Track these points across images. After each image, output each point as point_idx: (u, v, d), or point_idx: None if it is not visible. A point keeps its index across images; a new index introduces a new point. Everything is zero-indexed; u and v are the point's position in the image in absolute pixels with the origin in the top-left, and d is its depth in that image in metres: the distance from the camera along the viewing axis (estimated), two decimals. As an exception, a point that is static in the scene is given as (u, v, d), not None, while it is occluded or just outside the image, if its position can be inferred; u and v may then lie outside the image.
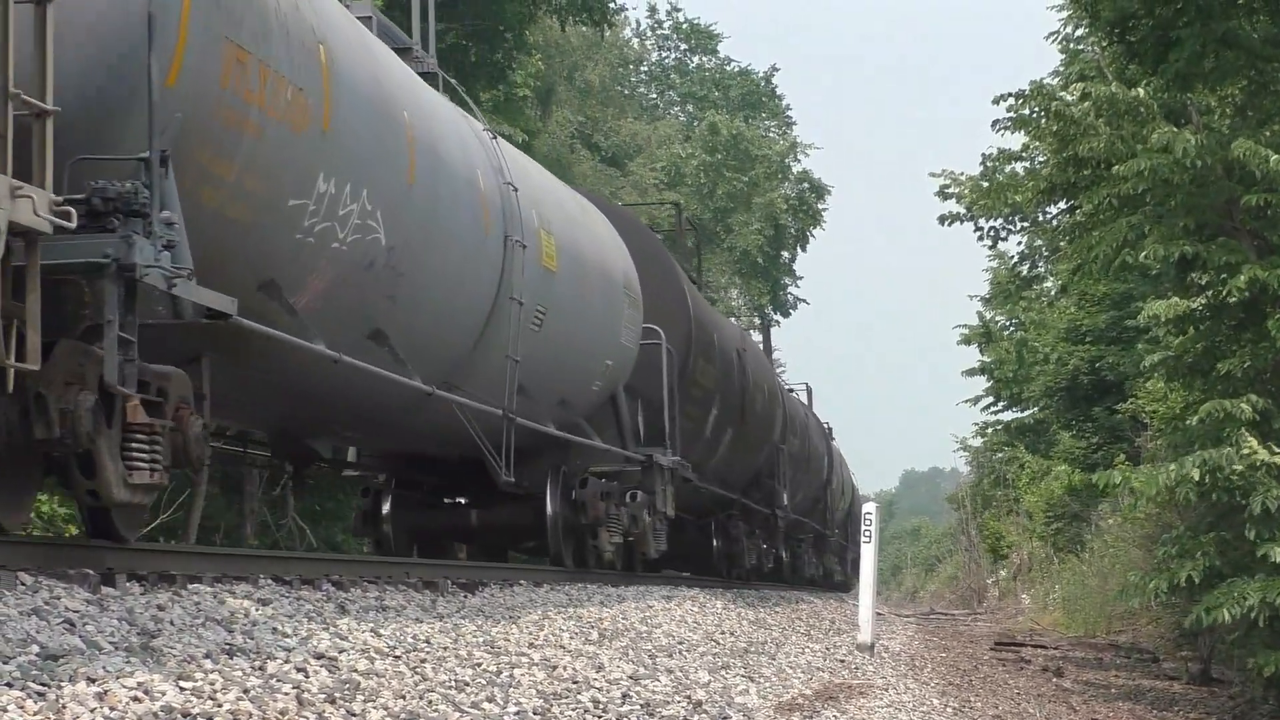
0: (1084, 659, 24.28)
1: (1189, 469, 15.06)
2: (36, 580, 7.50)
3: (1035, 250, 45.48)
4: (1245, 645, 16.99)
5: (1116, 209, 16.94)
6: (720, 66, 73.40)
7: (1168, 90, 17.50)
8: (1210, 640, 21.01)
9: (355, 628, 9.06)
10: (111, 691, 5.93)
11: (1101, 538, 34.80)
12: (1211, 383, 16.88)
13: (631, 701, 9.41)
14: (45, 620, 6.77)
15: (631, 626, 13.99)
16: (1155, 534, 24.36)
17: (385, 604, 10.42)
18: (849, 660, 17.33)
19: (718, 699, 10.77)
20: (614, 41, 63.05)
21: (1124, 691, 19.33)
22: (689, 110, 71.80)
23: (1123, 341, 38.16)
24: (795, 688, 13.25)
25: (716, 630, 16.49)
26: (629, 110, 63.89)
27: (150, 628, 7.29)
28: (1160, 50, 17.08)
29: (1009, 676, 19.53)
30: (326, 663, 7.71)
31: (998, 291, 54.50)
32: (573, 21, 36.60)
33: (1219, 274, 15.81)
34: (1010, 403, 53.43)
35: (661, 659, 12.28)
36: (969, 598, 60.47)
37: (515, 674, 9.15)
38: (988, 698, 16.14)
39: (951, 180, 38.65)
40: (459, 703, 7.80)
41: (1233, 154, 14.93)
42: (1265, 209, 15.49)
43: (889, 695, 14.16)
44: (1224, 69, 16.84)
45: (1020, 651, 25.03)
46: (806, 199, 68.23)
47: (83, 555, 8.42)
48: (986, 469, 61.48)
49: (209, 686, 6.45)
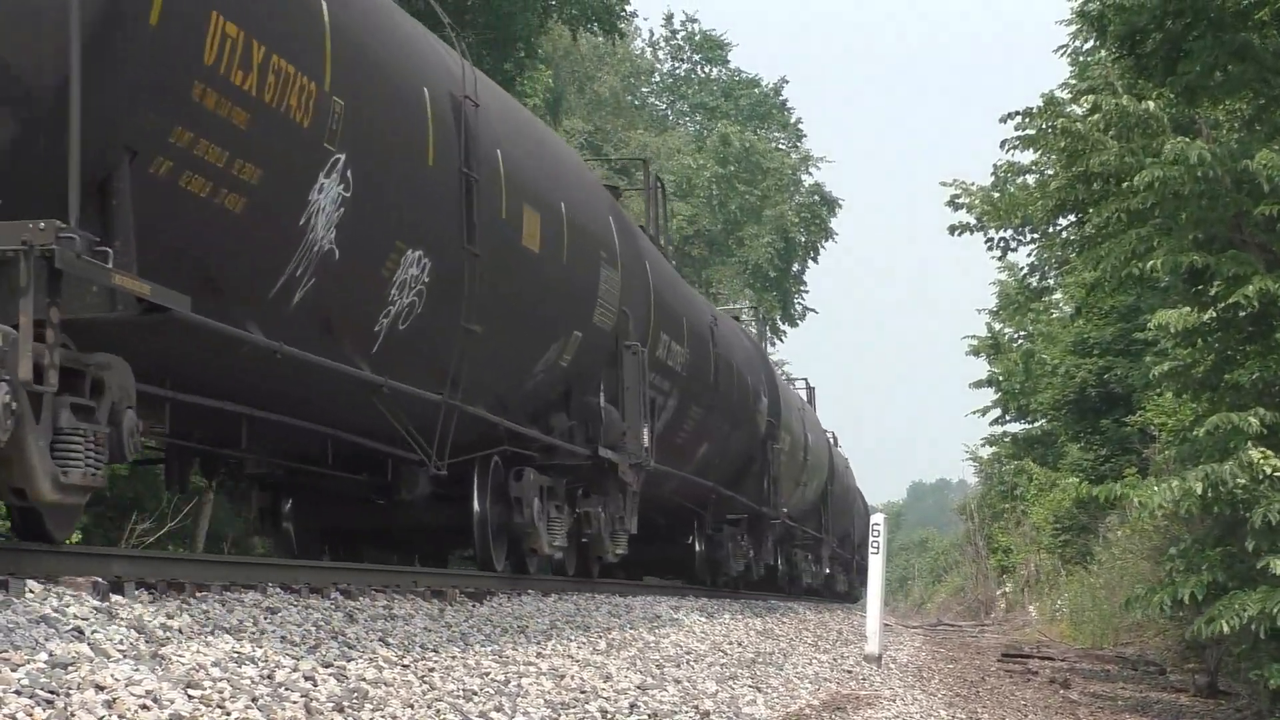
0: (1091, 671, 24.25)
1: (1192, 483, 15.05)
2: (46, 588, 7.52)
3: (1045, 262, 45.50)
4: (1252, 658, 16.96)
5: (1126, 223, 16.94)
6: (731, 77, 73.45)
7: (1175, 104, 17.50)
8: (1217, 653, 20.99)
9: (363, 636, 9.07)
10: (120, 699, 5.94)
11: (1109, 550, 34.77)
12: (1220, 395, 16.87)
13: (639, 711, 9.42)
14: (54, 628, 6.79)
15: (639, 636, 14.01)
16: (1163, 546, 24.34)
17: (393, 613, 10.44)
18: (856, 671, 17.33)
19: (725, 709, 10.78)
20: (625, 53, 63.13)
21: (1131, 703, 19.31)
22: (698, 121, 71.85)
23: (1130, 354, 38.15)
24: (803, 698, 13.25)
25: (724, 640, 16.50)
26: (638, 122, 63.93)
27: (159, 635, 7.30)
28: (1169, 64, 17.08)
29: (1016, 688, 19.51)
30: (335, 671, 7.73)
31: (1006, 303, 54.52)
32: (584, 31, 36.61)
33: (1228, 285, 15.81)
34: (1018, 415, 53.44)
35: (669, 669, 12.29)
36: (976, 609, 60.43)
37: (523, 683, 9.16)
38: (995, 709, 16.13)
39: (962, 190, 38.73)
40: (467, 712, 7.81)
41: (1255, 165, 14.91)
42: (1275, 221, 15.48)
43: (896, 706, 14.16)
44: (1233, 82, 16.84)
45: (1027, 663, 24.99)
46: (818, 212, 68.36)
47: (92, 563, 8.43)
48: (994, 480, 61.50)
49: (217, 694, 6.46)
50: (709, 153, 64.08)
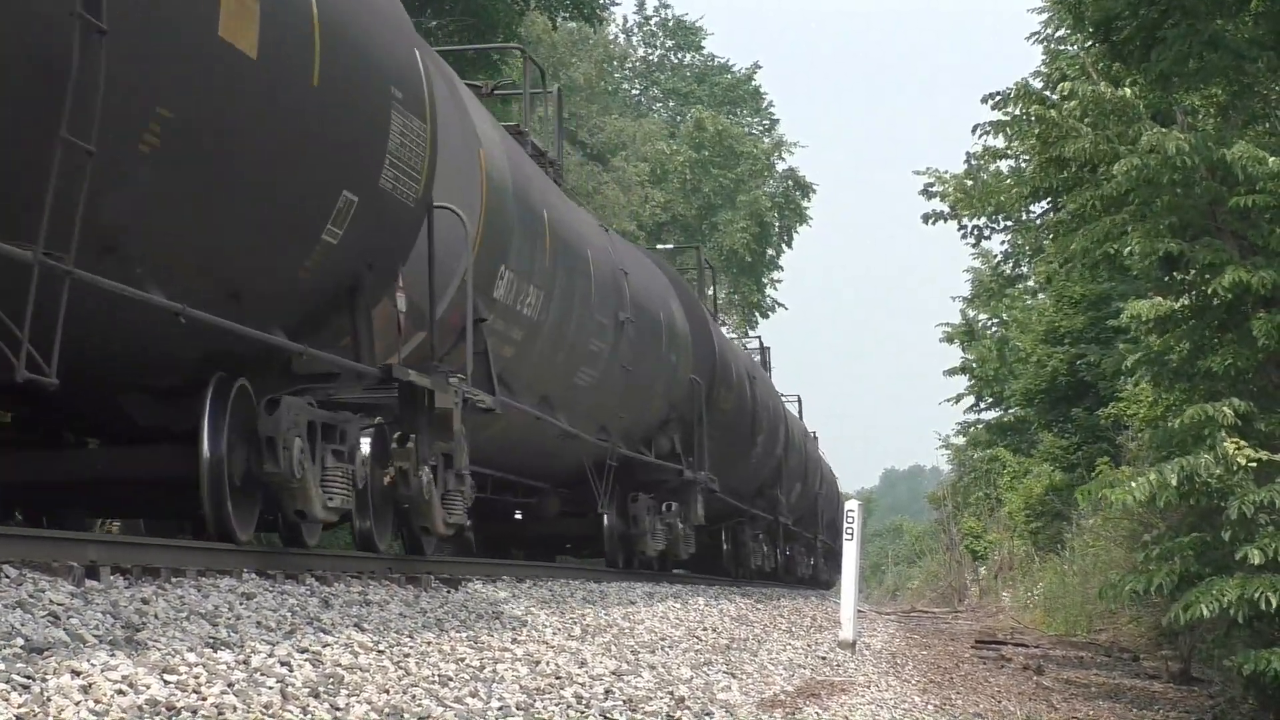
0: (1064, 658, 24.31)
1: (1168, 476, 15.12)
2: (21, 573, 7.50)
3: (1019, 250, 45.59)
4: (1225, 645, 17.05)
5: (1101, 210, 16.97)
6: (705, 63, 73.44)
7: (1151, 91, 17.55)
8: (1190, 640, 21.06)
9: (339, 622, 9.07)
10: (96, 685, 5.93)
11: (1082, 537, 34.86)
12: (1194, 384, 16.93)
13: (614, 697, 9.42)
14: (30, 613, 6.77)
15: (614, 623, 14.02)
16: (1137, 533, 24.42)
17: (368, 599, 10.44)
18: (831, 657, 17.35)
19: (700, 695, 10.78)
20: (600, 39, 63.05)
21: (1104, 690, 19.37)
22: (671, 106, 71.85)
23: (1101, 342, 38.26)
24: (777, 684, 13.27)
25: (699, 627, 16.51)
26: (613, 107, 63.90)
27: (135, 621, 7.29)
28: (1144, 51, 17.13)
29: (990, 675, 19.56)
30: (310, 657, 7.72)
31: (980, 290, 54.63)
32: (562, 19, 36.58)
33: (1202, 273, 15.85)
34: (992, 402, 53.56)
35: (644, 655, 12.30)
36: (950, 596, 60.49)
37: (499, 669, 9.16)
38: (969, 695, 16.17)
39: (936, 179, 38.78)
40: (443, 697, 7.81)
41: (1232, 156, 14.95)
42: (1249, 210, 15.53)
43: (871, 693, 14.18)
44: (1208, 70, 16.89)
45: (1001, 650, 25.04)
46: (792, 196, 68.46)
47: (66, 548, 8.40)
48: (967, 468, 61.63)
49: (193, 680, 6.45)
50: (684, 138, 64.09)
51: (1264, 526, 14.91)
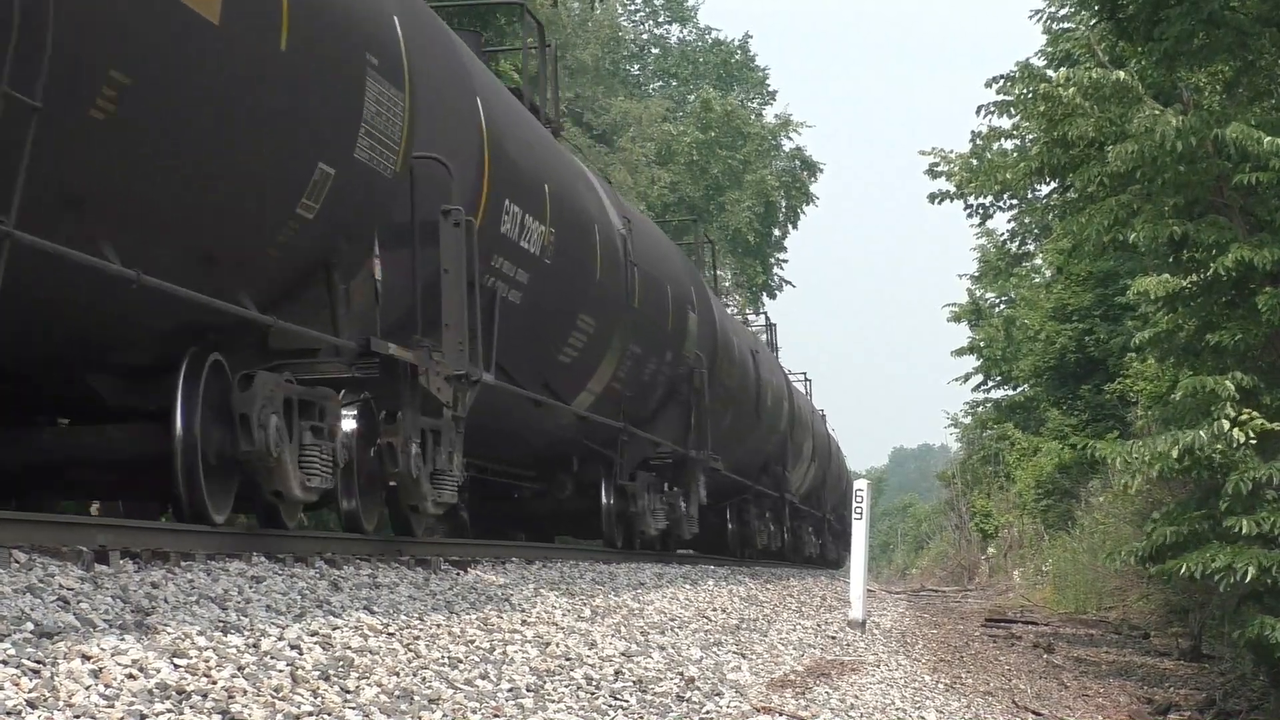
0: (1074, 635, 24.34)
1: (1166, 447, 15.18)
2: (30, 558, 7.52)
3: (1025, 228, 45.57)
4: (1235, 621, 17.04)
5: (1107, 188, 16.97)
6: (700, 36, 72.86)
7: (1155, 69, 17.53)
8: (1201, 617, 21.08)
9: (348, 604, 9.09)
10: (106, 669, 5.95)
11: (1092, 514, 34.86)
12: (1202, 360, 16.92)
13: (624, 678, 9.44)
14: (39, 598, 6.79)
15: (623, 604, 14.04)
16: (1146, 510, 24.42)
17: (378, 581, 10.45)
18: (840, 637, 17.37)
19: (710, 675, 10.80)
20: (605, 19, 62.95)
21: (1115, 668, 19.39)
22: (669, 85, 71.46)
23: (1109, 319, 38.25)
24: (787, 664, 13.29)
25: (708, 607, 16.53)
26: (618, 89, 63.80)
27: (144, 605, 7.31)
28: (1149, 28, 17.09)
29: (1000, 653, 19.58)
30: (320, 640, 7.74)
31: (987, 269, 54.57)
32: (564, -1, 36.55)
33: (1208, 251, 15.85)
34: (1001, 380, 53.51)
35: (654, 636, 12.32)
36: (959, 575, 60.56)
37: (509, 651, 9.18)
38: (979, 674, 16.19)
39: (941, 158, 38.82)
40: (452, 679, 7.83)
41: (1228, 136, 14.95)
42: (1254, 187, 15.52)
43: (881, 672, 14.21)
44: (1211, 48, 16.86)
45: (1011, 628, 25.07)
46: (798, 176, 68.30)
47: (76, 533, 8.42)
48: (976, 446, 61.61)
49: (203, 664, 6.47)
50: (690, 118, 63.92)
51: (1271, 502, 14.93)
